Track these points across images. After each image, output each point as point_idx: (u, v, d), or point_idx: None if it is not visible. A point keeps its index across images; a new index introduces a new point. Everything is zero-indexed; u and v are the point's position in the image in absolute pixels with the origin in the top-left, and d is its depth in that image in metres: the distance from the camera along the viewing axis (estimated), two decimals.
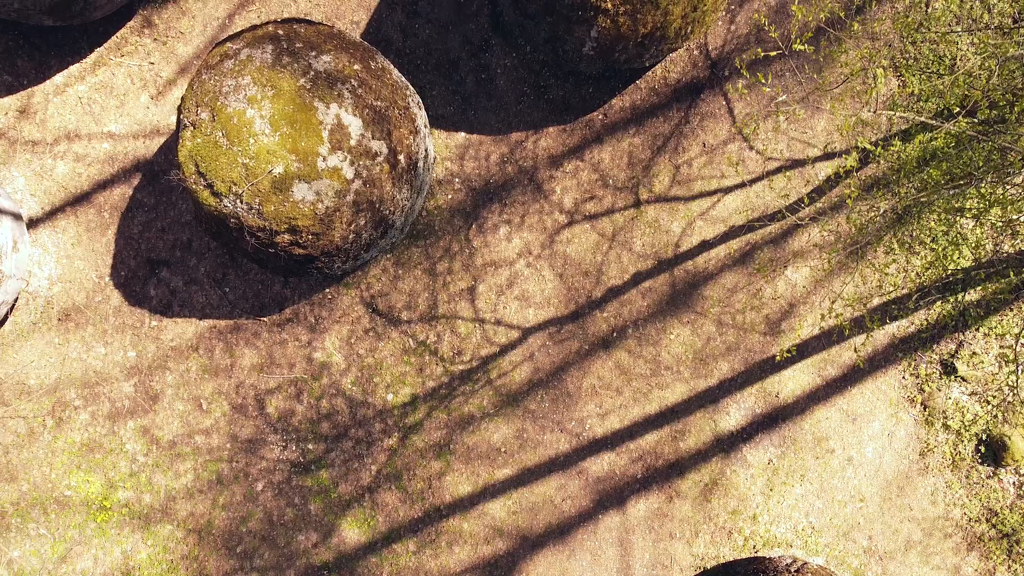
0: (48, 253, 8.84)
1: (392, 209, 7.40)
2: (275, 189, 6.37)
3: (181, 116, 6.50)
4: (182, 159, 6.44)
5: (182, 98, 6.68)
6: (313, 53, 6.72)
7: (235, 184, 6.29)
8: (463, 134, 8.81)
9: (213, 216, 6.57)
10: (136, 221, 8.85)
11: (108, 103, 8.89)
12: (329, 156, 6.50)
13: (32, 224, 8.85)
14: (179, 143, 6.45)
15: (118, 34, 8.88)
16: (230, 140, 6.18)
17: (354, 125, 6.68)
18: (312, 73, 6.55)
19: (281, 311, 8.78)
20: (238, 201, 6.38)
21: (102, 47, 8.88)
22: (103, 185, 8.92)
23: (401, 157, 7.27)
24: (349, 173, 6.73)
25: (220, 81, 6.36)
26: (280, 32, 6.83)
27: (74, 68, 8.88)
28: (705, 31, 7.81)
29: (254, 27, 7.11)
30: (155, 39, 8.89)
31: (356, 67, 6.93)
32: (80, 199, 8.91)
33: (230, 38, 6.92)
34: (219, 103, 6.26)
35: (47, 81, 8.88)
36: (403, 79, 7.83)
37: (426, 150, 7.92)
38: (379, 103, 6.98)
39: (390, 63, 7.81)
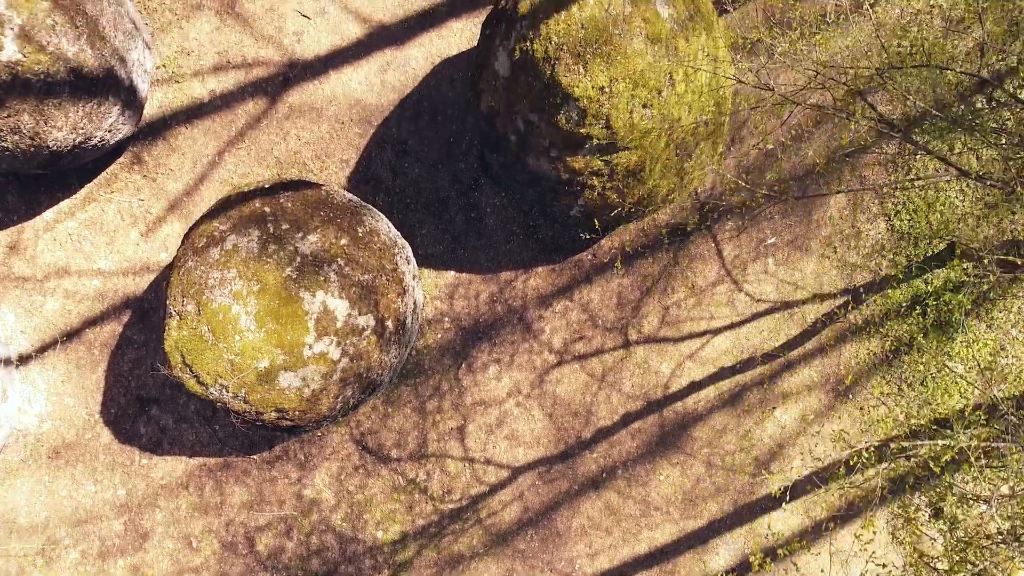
0: (38, 390, 8.84)
1: (380, 372, 7.41)
2: (261, 381, 6.38)
3: (167, 303, 6.51)
4: (168, 349, 6.45)
5: (168, 283, 6.68)
6: (300, 235, 6.73)
7: (221, 377, 6.30)
8: (453, 273, 8.82)
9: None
10: (126, 358, 8.85)
11: (98, 240, 8.90)
12: (315, 343, 6.51)
13: (22, 361, 8.85)
14: (165, 331, 6.46)
15: (108, 170, 8.89)
16: (216, 336, 6.19)
17: (340, 308, 6.69)
18: (298, 260, 6.56)
19: (271, 449, 8.78)
20: (224, 391, 6.39)
21: (92, 183, 8.89)
22: (93, 322, 8.92)
23: (389, 323, 7.28)
24: (336, 354, 6.74)
25: (206, 272, 6.37)
26: (267, 210, 6.84)
27: (64, 204, 8.88)
28: (694, 188, 7.82)
29: (242, 197, 7.12)
30: (145, 176, 8.90)
31: (343, 242, 6.94)
32: (70, 336, 8.91)
33: (216, 213, 6.92)
34: (204, 296, 6.27)
35: (37, 217, 8.88)
36: (392, 232, 7.84)
37: (414, 302, 7.93)
38: (366, 276, 6.99)
39: (379, 216, 7.81)
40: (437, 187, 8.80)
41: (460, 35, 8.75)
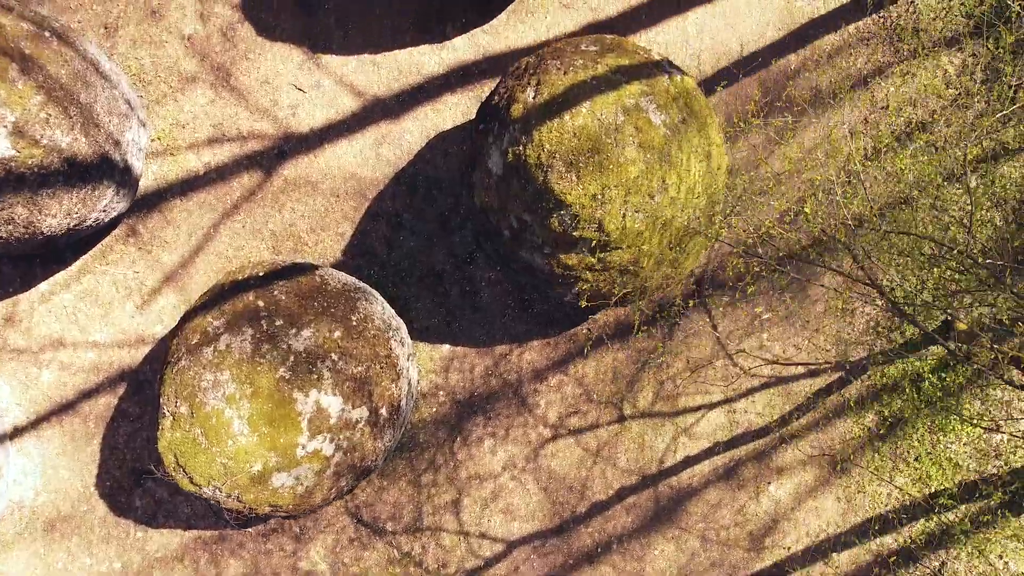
0: (33, 462, 8.84)
1: (375, 458, 7.41)
2: (254, 482, 6.38)
3: (160, 401, 6.51)
4: (161, 449, 6.45)
5: (161, 380, 6.68)
6: (293, 331, 6.73)
7: (214, 479, 6.30)
8: (448, 346, 8.82)
9: None
10: (121, 431, 8.86)
11: (93, 312, 8.90)
12: (309, 443, 6.52)
13: (17, 433, 8.86)
14: (159, 430, 6.47)
15: (103, 242, 8.89)
16: (209, 440, 6.20)
17: (334, 405, 6.70)
18: (291, 359, 6.56)
19: (266, 522, 8.78)
20: (218, 491, 6.39)
21: (87, 255, 8.89)
22: (88, 394, 8.93)
23: (383, 410, 7.28)
24: (329, 450, 6.74)
25: (199, 373, 6.37)
26: (260, 304, 6.84)
27: (59, 276, 8.88)
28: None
29: (236, 287, 7.12)
30: (140, 248, 8.90)
31: (337, 335, 6.94)
32: (65, 408, 8.91)
33: (210, 305, 6.92)
34: (198, 399, 6.28)
35: (32, 289, 8.88)
36: (387, 313, 7.84)
37: (409, 383, 7.93)
38: (359, 368, 6.99)
39: (373, 298, 7.81)
40: (432, 261, 8.81)
41: (455, 109, 8.75)
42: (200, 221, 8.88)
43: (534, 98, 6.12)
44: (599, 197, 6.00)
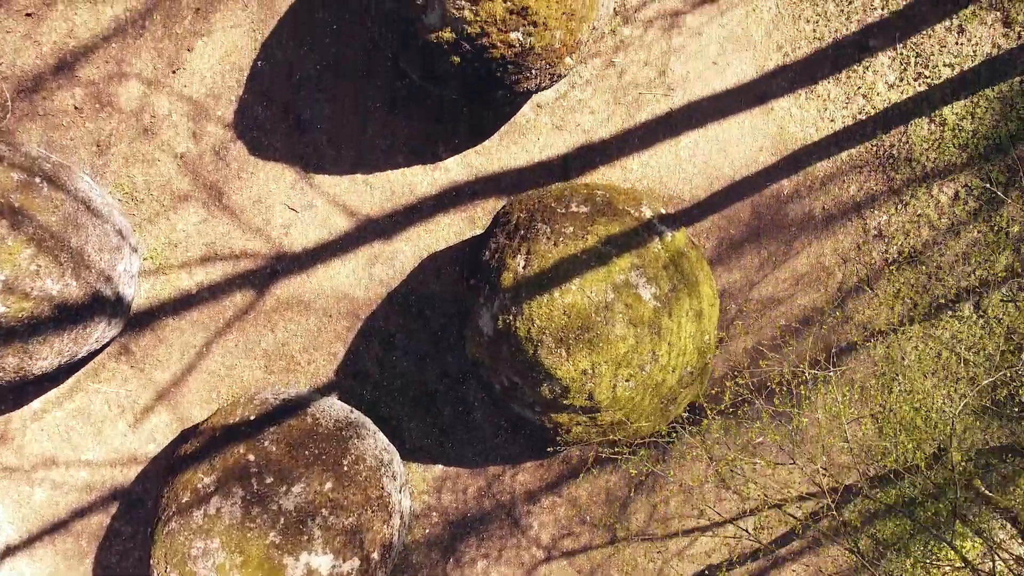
0: None
1: None
2: None
3: (151, 564, 6.50)
4: None
5: (152, 539, 6.67)
6: (283, 488, 6.72)
7: None
8: (440, 467, 8.81)
9: None
10: (113, 550, 8.85)
11: (86, 430, 8.89)
12: None
13: (9, 551, 8.85)
14: None
15: (95, 360, 8.87)
16: None
17: (324, 564, 6.69)
18: (282, 521, 6.54)
19: None
20: None
21: (79, 373, 8.88)
22: (81, 513, 8.92)
23: (375, 554, 7.28)
24: None
25: (189, 539, 6.36)
26: (251, 458, 6.84)
27: (52, 394, 8.87)
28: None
29: (227, 434, 7.10)
30: (132, 366, 8.89)
31: (328, 486, 6.93)
32: (58, 527, 8.90)
33: (200, 457, 6.91)
34: (187, 568, 6.26)
35: (25, 407, 8.87)
36: (379, 446, 7.83)
37: (401, 516, 7.92)
38: (350, 520, 6.98)
39: (365, 431, 7.80)
40: (425, 381, 8.79)
41: (447, 230, 8.74)
42: (193, 340, 8.86)
43: (524, 268, 6.11)
44: (589, 372, 6.00)
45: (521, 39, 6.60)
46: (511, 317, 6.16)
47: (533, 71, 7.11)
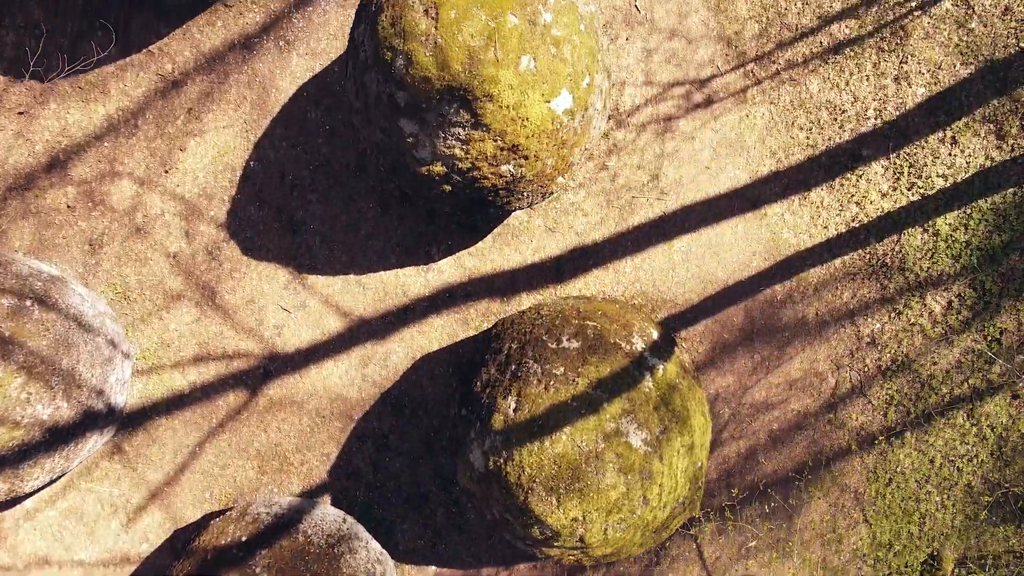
0: None
1: None
2: None
3: None
4: None
5: None
6: None
7: None
8: (434, 568, 8.79)
9: None
10: None
11: (78, 529, 8.87)
12: None
13: None
14: None
15: (88, 459, 8.86)
16: None
17: None
18: None
19: None
20: None
21: (72, 471, 8.86)
22: None
23: None
24: None
25: None
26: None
27: (44, 493, 8.85)
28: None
29: (218, 556, 7.08)
30: (125, 465, 8.87)
31: None
32: None
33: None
34: None
35: (17, 506, 8.85)
36: (372, 558, 7.80)
37: None
38: None
39: (357, 543, 7.78)
40: (418, 481, 8.78)
41: (441, 331, 8.72)
42: (185, 439, 8.85)
43: (515, 411, 6.10)
44: (580, 519, 5.99)
45: (512, 171, 6.59)
46: (501, 460, 6.15)
47: (525, 193, 7.10)
